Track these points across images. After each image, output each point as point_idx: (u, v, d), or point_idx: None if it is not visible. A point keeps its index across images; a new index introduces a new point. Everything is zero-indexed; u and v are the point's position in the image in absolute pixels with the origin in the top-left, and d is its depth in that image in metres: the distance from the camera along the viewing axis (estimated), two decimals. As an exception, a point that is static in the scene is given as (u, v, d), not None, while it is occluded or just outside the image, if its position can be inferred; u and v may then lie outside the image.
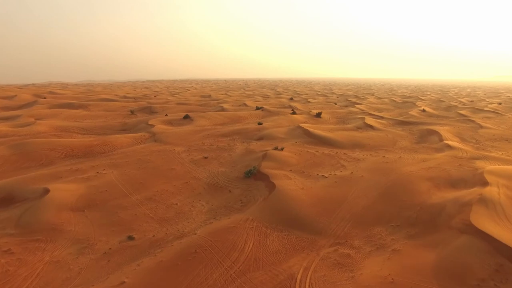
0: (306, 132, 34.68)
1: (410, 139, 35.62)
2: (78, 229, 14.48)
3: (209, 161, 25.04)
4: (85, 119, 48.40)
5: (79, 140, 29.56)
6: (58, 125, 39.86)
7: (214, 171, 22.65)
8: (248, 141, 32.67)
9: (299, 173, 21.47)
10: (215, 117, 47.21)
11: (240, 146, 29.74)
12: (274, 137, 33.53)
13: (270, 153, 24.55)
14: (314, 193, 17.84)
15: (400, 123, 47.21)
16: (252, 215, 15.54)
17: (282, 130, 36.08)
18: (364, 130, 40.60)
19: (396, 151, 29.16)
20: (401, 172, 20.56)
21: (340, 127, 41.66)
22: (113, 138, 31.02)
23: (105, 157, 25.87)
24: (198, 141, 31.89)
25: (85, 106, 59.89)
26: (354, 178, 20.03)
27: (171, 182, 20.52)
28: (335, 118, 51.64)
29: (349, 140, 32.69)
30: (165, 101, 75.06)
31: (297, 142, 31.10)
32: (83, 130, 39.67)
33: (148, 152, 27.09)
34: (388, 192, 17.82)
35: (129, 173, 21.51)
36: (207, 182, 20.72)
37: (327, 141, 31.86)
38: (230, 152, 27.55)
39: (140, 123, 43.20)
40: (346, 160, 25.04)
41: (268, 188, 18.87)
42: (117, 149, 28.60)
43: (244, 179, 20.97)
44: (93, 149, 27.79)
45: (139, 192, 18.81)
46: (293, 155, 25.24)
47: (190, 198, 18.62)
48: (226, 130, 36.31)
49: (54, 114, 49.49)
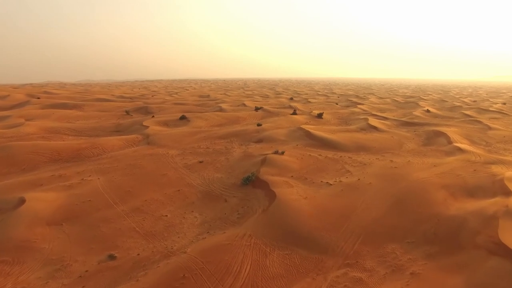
0: (308, 134, 32.99)
1: (417, 141, 33.96)
2: (52, 247, 12.76)
3: (205, 166, 23.34)
4: (78, 119, 46.64)
5: (67, 143, 27.83)
6: (48, 126, 38.12)
7: (209, 177, 20.95)
8: (246, 143, 30.97)
9: (301, 180, 19.77)
10: (213, 118, 45.49)
11: (238, 149, 28.05)
12: (274, 139, 31.84)
13: (270, 158, 22.86)
14: (319, 203, 16.15)
15: (405, 124, 45.51)
16: (250, 230, 13.85)
17: (282, 132, 34.39)
18: (368, 131, 38.92)
19: (404, 154, 27.49)
20: (413, 179, 18.88)
21: (343, 129, 39.97)
22: (103, 141, 29.29)
23: (93, 161, 24.15)
24: (194, 144, 30.18)
25: (79, 106, 58.10)
26: (361, 186, 18.34)
27: (162, 190, 18.81)
28: (337, 118, 49.95)
29: (353, 142, 31.01)
30: (162, 101, 73.28)
31: (299, 145, 29.41)
32: (74, 132, 37.92)
33: (139, 156, 25.38)
34: (400, 202, 16.14)
35: (117, 180, 19.79)
36: (201, 190, 19.01)
37: (330, 143, 30.17)
38: (227, 156, 25.86)
39: (134, 124, 41.46)
40: (352, 164, 23.36)
41: (268, 197, 17.18)
42: (107, 152, 26.87)
43: (242, 186, 19.28)
44: (81, 152, 26.06)
45: (126, 201, 17.10)
46: (294, 159, 23.55)
47: (182, 208, 16.92)
48: (223, 132, 34.61)
49: (46, 114, 47.72)
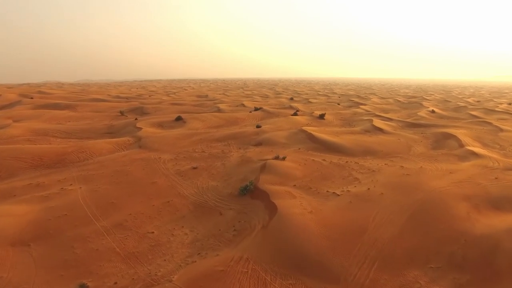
0: (310, 136, 31.05)
1: (425, 143, 32.03)
2: (12, 276, 10.80)
3: (199, 172, 21.39)
4: (70, 120, 44.67)
5: (51, 146, 25.86)
6: (36, 128, 36.15)
7: (203, 186, 19.00)
8: (245, 146, 29.03)
9: (305, 190, 17.83)
10: (210, 118, 43.54)
11: (236, 154, 26.10)
12: (274, 142, 29.90)
13: (270, 164, 20.91)
14: (326, 218, 14.21)
15: (410, 125, 43.60)
16: (247, 252, 11.92)
17: (283, 134, 32.45)
18: (373, 133, 37.01)
19: (414, 159, 25.58)
20: (429, 189, 16.94)
21: (347, 130, 38.05)
22: (91, 144, 27.33)
23: (77, 167, 22.18)
24: (189, 147, 28.23)
25: (72, 107, 56.13)
26: (372, 197, 16.41)
27: (150, 201, 16.86)
28: (339, 119, 48.02)
29: (359, 145, 29.09)
30: (159, 101, 71.32)
31: (301, 149, 27.47)
32: (63, 134, 35.96)
33: (129, 161, 23.43)
34: (417, 217, 14.21)
35: (101, 189, 17.84)
36: (194, 201, 17.07)
37: (335, 147, 28.25)
38: (223, 161, 23.92)
39: (127, 126, 39.51)
40: (359, 171, 21.43)
41: (268, 210, 15.25)
42: (94, 157, 24.92)
43: (239, 197, 17.34)
44: (66, 157, 24.10)
45: (108, 215, 15.15)
46: (297, 165, 21.61)
47: (171, 223, 14.97)
48: (220, 134, 32.66)
49: (36, 115, 45.76)
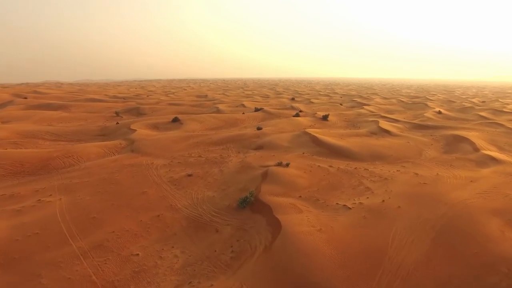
0: (314, 139, 29.12)
1: (436, 147, 30.11)
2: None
3: (194, 180, 19.46)
4: (62, 122, 42.76)
5: (35, 151, 23.93)
6: (25, 130, 34.24)
7: (198, 197, 17.08)
8: (244, 150, 27.11)
9: (312, 202, 15.90)
10: (208, 120, 41.61)
11: (235, 158, 24.18)
12: (276, 145, 27.97)
13: (273, 171, 18.98)
14: (338, 238, 12.28)
15: (418, 127, 41.69)
16: (247, 283, 10.00)
17: (285, 137, 30.52)
18: (380, 136, 35.09)
19: (427, 164, 23.66)
20: (452, 201, 15.01)
21: (352, 133, 36.13)
22: (79, 148, 25.41)
23: (61, 174, 20.26)
24: (184, 151, 26.30)
25: (66, 107, 54.22)
26: (388, 211, 14.49)
27: (138, 215, 14.93)
28: (343, 121, 46.09)
29: (366, 149, 27.16)
30: (156, 102, 69.42)
31: (305, 153, 25.53)
32: (53, 136, 34.06)
33: (118, 167, 21.50)
34: (445, 237, 12.28)
35: (83, 201, 15.91)
36: (187, 215, 15.14)
37: (341, 151, 26.32)
38: (221, 167, 21.99)
39: (121, 127, 37.60)
40: (370, 179, 19.50)
41: (271, 228, 13.33)
42: (82, 162, 23.00)
43: (238, 210, 15.42)
44: (50, 163, 22.18)
45: (87, 234, 13.22)
46: (302, 173, 19.67)
47: (159, 242, 13.05)
48: (219, 137, 30.72)
49: (26, 116, 43.84)
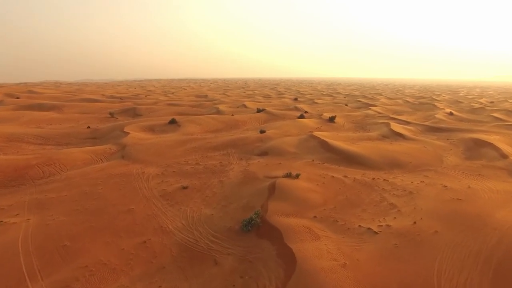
0: (324, 144, 26.52)
1: (456, 152, 27.50)
2: None
3: (190, 194, 16.87)
4: (52, 123, 40.19)
5: (11, 158, 21.33)
6: (9, 132, 31.66)
7: (194, 216, 14.49)
8: (247, 156, 24.53)
9: (330, 224, 13.30)
10: (208, 121, 39.01)
11: (237, 166, 21.59)
12: (282, 151, 25.38)
13: (281, 184, 16.38)
14: (368, 277, 9.68)
15: (431, 129, 39.09)
16: None
17: (291, 141, 27.92)
18: (393, 139, 32.50)
19: (452, 173, 21.09)
20: (502, 225, 12.38)
21: (362, 136, 33.53)
22: (64, 154, 22.83)
23: (37, 187, 17.67)
24: (181, 158, 23.72)
25: (58, 108, 51.65)
26: (424, 237, 11.88)
27: (120, 241, 12.34)
28: (351, 123, 43.46)
29: (382, 155, 24.56)
30: (154, 102, 66.85)
31: (315, 160, 22.93)
32: (40, 139, 31.48)
33: (104, 177, 18.91)
34: (507, 277, 9.70)
35: (56, 222, 13.33)
36: (180, 241, 12.54)
37: (354, 157, 23.73)
38: (221, 177, 19.39)
39: (114, 130, 35.04)
40: (392, 192, 16.89)
41: (283, 261, 10.74)
42: (64, 171, 20.42)
43: (241, 234, 12.83)
44: (27, 172, 19.60)
45: (52, 270, 10.62)
46: (314, 185, 17.07)
47: (143, 280, 10.45)
48: (219, 141, 28.13)
49: (14, 117, 41.27)
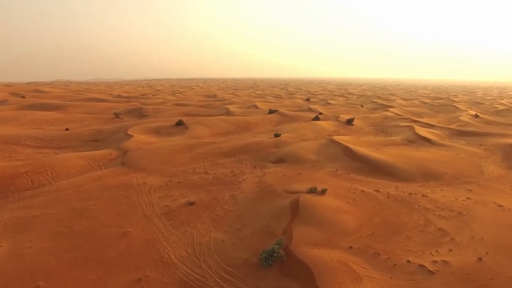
0: (347, 150, 23.78)
1: (495, 160, 24.52)
2: None
3: (197, 211, 14.35)
4: (53, 124, 38.20)
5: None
6: (6, 134, 29.64)
7: (202, 242, 11.96)
8: (261, 164, 21.95)
9: (370, 257, 10.61)
10: (217, 123, 36.54)
11: (251, 177, 19.01)
12: (300, 158, 22.74)
13: (306, 202, 13.73)
14: None
15: (459, 133, 36.00)
16: None
17: (309, 147, 25.25)
18: (420, 145, 29.57)
19: (499, 187, 18.23)
20: None
21: (386, 141, 30.67)
22: (58, 160, 20.56)
23: (21, 201, 15.36)
24: (187, 165, 21.26)
25: (62, 108, 49.79)
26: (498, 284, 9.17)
27: (108, 279, 9.87)
28: (370, 125, 40.55)
29: (412, 164, 21.72)
30: (162, 102, 64.74)
31: (338, 170, 20.23)
32: (38, 141, 29.40)
33: (99, 189, 16.53)
34: None
35: (32, 250, 10.93)
36: (184, 278, 10.02)
37: (382, 167, 20.96)
38: (234, 190, 16.84)
39: (118, 131, 32.81)
40: (438, 213, 14.12)
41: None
42: (56, 180, 18.11)
43: (261, 269, 10.25)
44: (14, 181, 17.34)
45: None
46: (344, 204, 14.39)
47: (135, 338, 7.95)
48: (230, 146, 25.61)
49: (15, 117, 39.41)
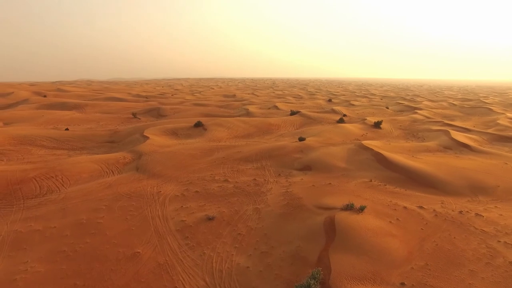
0: (380, 158, 21.58)
1: (548, 171, 21.74)
2: None
3: (217, 229, 12.64)
4: (70, 124, 37.53)
5: (5, 169, 17.94)
6: (22, 134, 28.95)
7: (222, 269, 10.21)
8: (286, 172, 20.08)
9: (431, 300, 8.61)
10: (237, 125, 34.89)
11: (276, 187, 17.18)
12: (329, 166, 20.72)
13: (343, 223, 11.77)
14: None
15: (499, 138, 33.03)
16: None
17: (337, 152, 23.18)
18: (458, 151, 26.97)
19: None
20: None
21: (419, 146, 28.19)
22: (68, 164, 19.33)
23: (24, 211, 14.06)
24: (206, 172, 19.63)
25: (81, 107, 49.40)
26: None
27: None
28: (399, 129, 37.95)
29: (455, 175, 19.32)
30: (180, 101, 63.79)
31: (373, 180, 18.09)
32: (53, 142, 28.55)
33: (110, 198, 15.08)
34: None
35: (27, 276, 9.45)
36: (201, 319, 8.31)
37: (422, 177, 18.68)
38: (257, 203, 15.05)
39: (134, 132, 31.66)
40: (502, 239, 11.86)
41: None
42: (66, 186, 16.83)
43: (293, 311, 8.42)
44: (22, 187, 16.15)
45: None
46: (387, 224, 12.34)
47: None
48: (251, 150, 23.86)
49: (34, 116, 39.01)
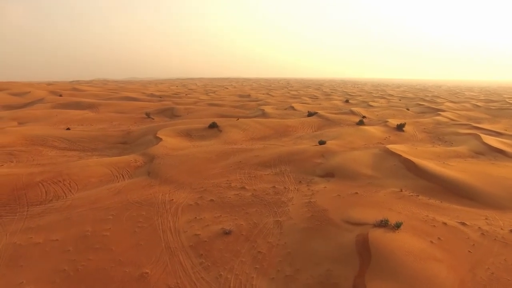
0: (409, 165, 19.87)
1: None
2: None
3: (234, 245, 11.33)
4: (83, 123, 36.97)
5: (12, 173, 17.11)
6: (34, 134, 28.37)
7: (241, 296, 8.90)
8: (307, 178, 18.63)
9: None
10: (253, 126, 33.59)
11: (297, 196, 15.76)
12: (353, 172, 19.16)
13: (378, 244, 10.27)
14: None
15: (534, 144, 30.70)
16: None
17: (362, 158, 21.58)
18: (492, 157, 24.97)
19: None
20: None
21: (448, 151, 26.25)
22: (77, 168, 18.38)
23: (27, 220, 13.06)
24: (221, 177, 18.36)
25: (95, 106, 49.00)
26: None
27: None
28: (423, 132, 35.93)
29: (496, 185, 17.47)
30: (194, 101, 62.95)
31: (404, 190, 16.45)
32: (65, 142, 27.86)
33: (118, 206, 13.97)
34: None
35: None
36: None
37: (459, 188, 16.93)
38: (278, 215, 13.67)
39: (147, 133, 30.75)
40: None
41: None
42: (73, 191, 15.84)
43: None
44: (27, 192, 15.22)
45: None
46: (428, 245, 10.75)
47: None
48: (269, 154, 22.50)
49: (47, 116, 38.64)
